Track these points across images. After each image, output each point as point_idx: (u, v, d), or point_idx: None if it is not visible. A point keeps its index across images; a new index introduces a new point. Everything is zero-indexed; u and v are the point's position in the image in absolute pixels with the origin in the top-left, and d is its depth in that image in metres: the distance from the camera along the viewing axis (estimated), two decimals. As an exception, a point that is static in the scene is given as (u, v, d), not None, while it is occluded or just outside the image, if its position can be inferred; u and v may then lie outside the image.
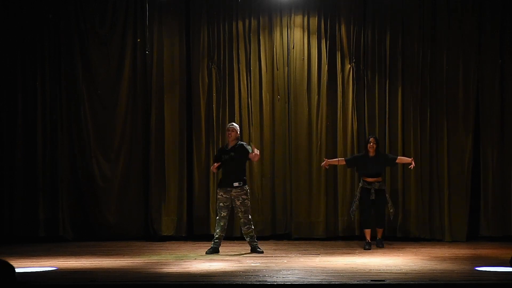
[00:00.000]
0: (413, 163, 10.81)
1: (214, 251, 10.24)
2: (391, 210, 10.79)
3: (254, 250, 10.35)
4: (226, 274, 8.45)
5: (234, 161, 10.23)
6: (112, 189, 12.04)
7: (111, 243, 11.52)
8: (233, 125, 10.45)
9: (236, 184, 10.17)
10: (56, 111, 11.99)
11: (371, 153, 10.81)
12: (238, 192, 10.18)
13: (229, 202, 10.25)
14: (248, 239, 10.38)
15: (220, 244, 10.34)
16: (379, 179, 10.81)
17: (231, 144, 10.34)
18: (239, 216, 10.34)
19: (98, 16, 12.06)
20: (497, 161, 11.49)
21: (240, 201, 10.21)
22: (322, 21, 11.93)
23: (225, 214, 10.26)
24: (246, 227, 10.31)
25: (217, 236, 10.28)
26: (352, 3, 11.89)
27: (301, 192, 11.90)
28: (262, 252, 10.26)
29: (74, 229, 11.97)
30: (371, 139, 10.84)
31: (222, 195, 10.24)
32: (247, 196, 10.27)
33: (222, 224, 10.26)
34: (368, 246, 10.66)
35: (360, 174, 11.03)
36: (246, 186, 10.32)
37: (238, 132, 10.44)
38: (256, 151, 10.16)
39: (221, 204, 10.25)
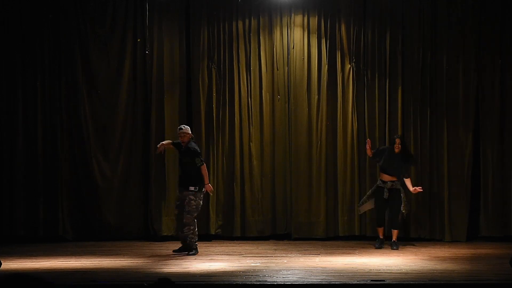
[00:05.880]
0: (414, 188, 10.81)
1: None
2: (403, 211, 10.80)
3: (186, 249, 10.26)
4: (226, 274, 8.46)
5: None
6: (112, 189, 12.03)
7: (111, 243, 11.52)
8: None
9: (192, 188, 10.18)
10: (56, 111, 11.99)
11: (396, 150, 10.81)
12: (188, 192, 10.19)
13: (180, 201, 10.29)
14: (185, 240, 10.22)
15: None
16: (394, 178, 10.79)
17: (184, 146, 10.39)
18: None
19: (98, 16, 12.05)
20: (497, 161, 11.49)
21: (187, 200, 10.16)
22: (322, 21, 11.93)
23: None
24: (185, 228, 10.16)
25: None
26: (352, 3, 11.89)
27: (301, 192, 11.90)
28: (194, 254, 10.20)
29: (74, 229, 11.96)
30: (396, 140, 10.83)
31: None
32: (195, 197, 10.19)
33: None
34: (379, 244, 10.75)
35: (380, 169, 11.00)
36: (197, 188, 10.22)
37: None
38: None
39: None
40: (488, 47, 11.53)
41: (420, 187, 10.87)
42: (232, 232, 11.87)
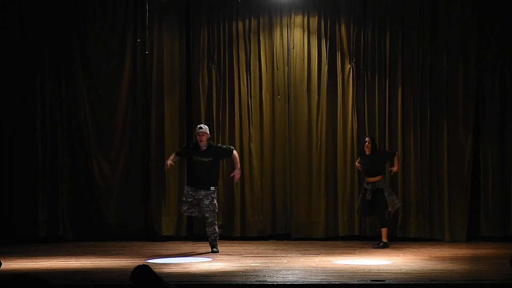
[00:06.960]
0: (394, 169, 10.94)
1: None
2: (389, 209, 10.82)
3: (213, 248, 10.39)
4: (226, 274, 8.46)
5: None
6: (112, 189, 12.03)
7: (111, 243, 11.52)
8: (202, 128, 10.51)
9: (213, 188, 10.26)
10: (56, 111, 11.99)
11: (367, 151, 10.90)
12: (209, 192, 10.26)
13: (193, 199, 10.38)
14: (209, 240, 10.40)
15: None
16: (376, 178, 10.85)
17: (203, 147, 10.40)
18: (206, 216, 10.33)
19: (98, 16, 12.05)
20: (497, 161, 11.49)
21: (209, 200, 10.24)
22: (322, 21, 11.92)
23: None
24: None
25: None
26: (352, 3, 11.88)
27: (301, 192, 11.90)
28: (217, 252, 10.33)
29: (74, 229, 11.96)
30: (366, 139, 11.00)
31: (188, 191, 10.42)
32: (216, 195, 10.37)
33: None
34: (375, 245, 10.83)
35: (363, 172, 11.11)
36: (216, 187, 10.43)
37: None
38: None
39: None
40: (488, 47, 11.52)
41: (396, 169, 10.94)
42: (232, 232, 11.87)
